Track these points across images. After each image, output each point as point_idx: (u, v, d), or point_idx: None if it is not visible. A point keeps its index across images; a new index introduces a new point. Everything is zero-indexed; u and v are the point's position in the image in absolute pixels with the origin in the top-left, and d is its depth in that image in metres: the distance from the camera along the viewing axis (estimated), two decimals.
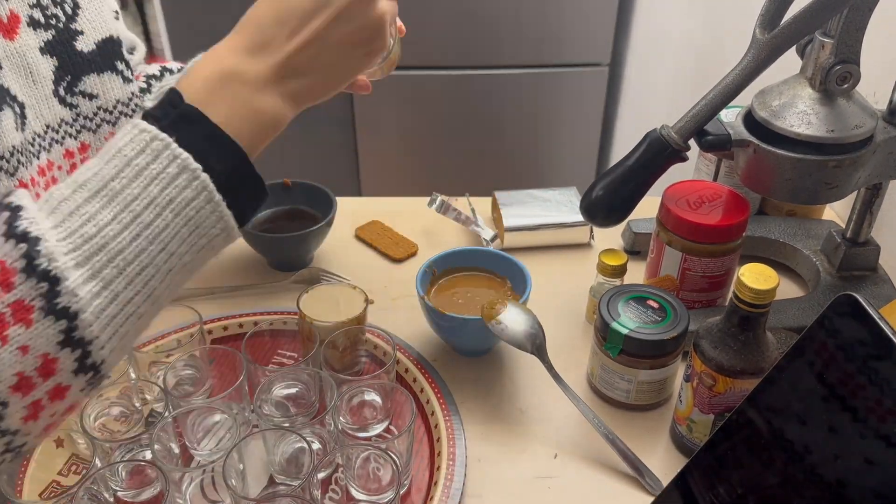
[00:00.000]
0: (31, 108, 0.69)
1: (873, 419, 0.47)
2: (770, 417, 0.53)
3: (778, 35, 0.67)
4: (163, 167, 0.49)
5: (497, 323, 0.76)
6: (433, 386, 0.79)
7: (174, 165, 0.49)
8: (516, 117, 2.09)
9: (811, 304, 0.86)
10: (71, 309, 0.46)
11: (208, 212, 0.50)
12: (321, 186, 1.00)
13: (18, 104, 0.67)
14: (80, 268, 0.46)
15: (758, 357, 0.67)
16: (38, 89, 0.70)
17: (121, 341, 0.49)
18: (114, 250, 0.47)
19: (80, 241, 0.47)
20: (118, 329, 0.49)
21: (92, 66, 0.74)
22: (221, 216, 0.51)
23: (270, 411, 0.74)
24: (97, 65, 0.75)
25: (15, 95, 0.67)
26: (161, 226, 0.49)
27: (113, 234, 0.47)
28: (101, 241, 0.47)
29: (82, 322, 0.46)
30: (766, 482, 0.53)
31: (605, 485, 0.72)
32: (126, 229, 0.48)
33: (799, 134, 0.71)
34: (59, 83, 0.71)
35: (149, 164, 0.49)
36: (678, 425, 0.74)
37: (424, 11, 1.89)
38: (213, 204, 0.50)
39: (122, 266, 0.48)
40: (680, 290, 0.85)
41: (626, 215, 0.76)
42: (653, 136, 0.72)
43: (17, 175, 0.64)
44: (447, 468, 0.70)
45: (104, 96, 0.76)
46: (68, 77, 0.72)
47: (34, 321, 0.45)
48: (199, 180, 0.49)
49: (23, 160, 0.65)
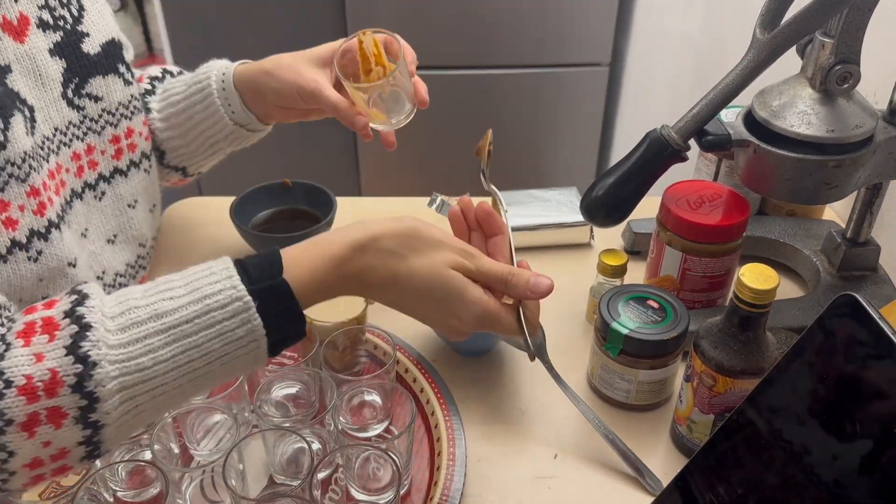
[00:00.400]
0: (40, 111, 0.70)
1: (874, 420, 0.47)
2: (770, 417, 0.53)
3: (778, 35, 0.66)
4: (234, 327, 0.53)
5: None
6: (433, 386, 0.79)
7: (244, 329, 0.54)
8: (516, 117, 2.09)
9: (811, 304, 0.86)
10: (99, 423, 0.52)
11: (250, 363, 0.56)
12: (321, 186, 1.00)
13: (28, 108, 0.68)
14: (121, 391, 0.52)
15: (758, 357, 0.67)
16: (48, 92, 0.71)
17: (126, 437, 0.56)
18: (157, 384, 0.53)
19: (134, 368, 0.52)
20: (128, 431, 0.55)
21: (98, 69, 0.76)
22: (257, 360, 0.56)
23: (270, 411, 0.74)
24: (102, 67, 0.76)
25: (25, 99, 0.68)
26: (205, 371, 0.54)
27: (163, 371, 0.53)
28: (151, 374, 0.52)
29: (104, 433, 0.53)
30: (766, 482, 0.53)
31: (605, 485, 0.72)
32: (177, 369, 0.53)
33: (799, 134, 0.71)
34: (67, 85, 0.73)
35: (224, 320, 0.53)
36: (678, 425, 0.74)
37: (425, 11, 1.89)
38: (258, 362, 0.56)
39: (156, 395, 0.53)
40: (680, 290, 0.85)
41: (627, 215, 0.76)
42: (653, 136, 0.72)
43: (28, 181, 0.65)
44: (447, 468, 0.70)
45: (108, 98, 0.77)
46: (76, 79, 0.73)
47: (64, 426, 0.51)
48: (257, 343, 0.54)
49: (34, 165, 0.66)
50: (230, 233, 0.96)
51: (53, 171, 0.71)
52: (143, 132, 0.83)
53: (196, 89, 0.85)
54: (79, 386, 0.51)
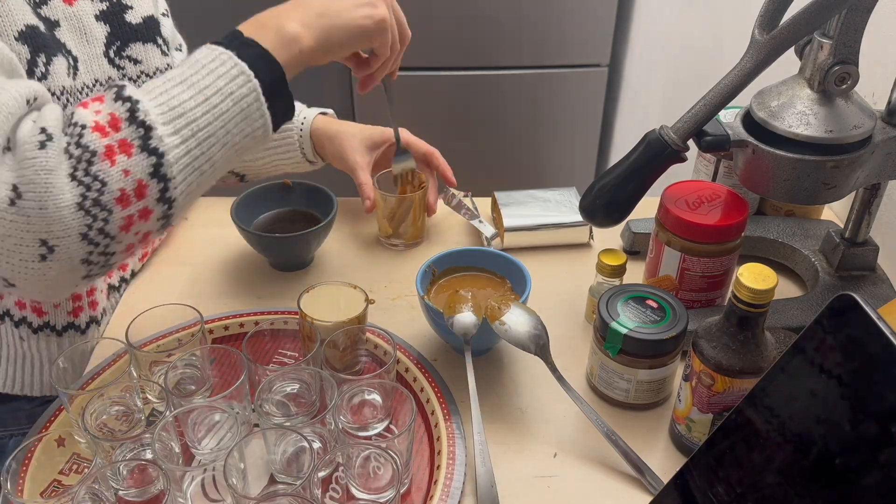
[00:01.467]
0: (83, 63, 0.82)
1: (872, 419, 0.47)
2: (769, 417, 0.53)
3: (777, 36, 0.67)
4: (227, 69, 0.68)
5: (501, 324, 0.76)
6: (433, 386, 0.79)
7: (235, 69, 0.68)
8: (516, 118, 2.09)
9: (810, 303, 0.86)
10: (159, 150, 0.65)
11: (255, 108, 0.69)
12: (322, 187, 1.00)
13: (73, 57, 0.80)
14: (166, 124, 0.65)
15: (756, 356, 0.67)
16: (91, 48, 0.84)
17: (188, 188, 0.68)
18: (189, 118, 0.66)
19: (167, 108, 0.65)
20: (188, 177, 0.67)
21: (138, 36, 0.88)
22: (263, 114, 0.70)
23: (271, 410, 0.74)
24: (143, 35, 0.89)
25: (70, 50, 0.80)
26: (223, 108, 0.67)
27: (190, 107, 0.66)
28: (182, 110, 0.66)
29: (166, 162, 0.65)
30: (765, 481, 0.54)
31: (604, 484, 0.72)
32: (199, 106, 0.66)
33: (797, 134, 0.71)
34: (109, 46, 0.85)
35: (217, 67, 0.68)
36: (677, 424, 0.74)
37: (425, 12, 1.90)
38: (258, 102, 0.69)
39: (194, 130, 0.66)
40: (679, 289, 0.85)
41: (626, 215, 0.76)
42: (652, 137, 0.72)
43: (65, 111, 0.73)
44: (447, 468, 0.70)
45: (146, 63, 0.90)
46: (118, 42, 0.86)
47: (134, 154, 0.64)
48: (252, 82, 0.68)
49: (72, 100, 0.79)
50: (231, 233, 0.96)
51: None
52: None
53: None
54: (132, 118, 0.64)
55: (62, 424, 0.74)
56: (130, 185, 0.64)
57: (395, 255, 1.02)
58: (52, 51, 0.76)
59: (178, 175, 0.66)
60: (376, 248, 1.03)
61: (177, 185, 0.66)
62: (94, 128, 0.64)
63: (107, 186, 0.63)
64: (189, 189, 0.68)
